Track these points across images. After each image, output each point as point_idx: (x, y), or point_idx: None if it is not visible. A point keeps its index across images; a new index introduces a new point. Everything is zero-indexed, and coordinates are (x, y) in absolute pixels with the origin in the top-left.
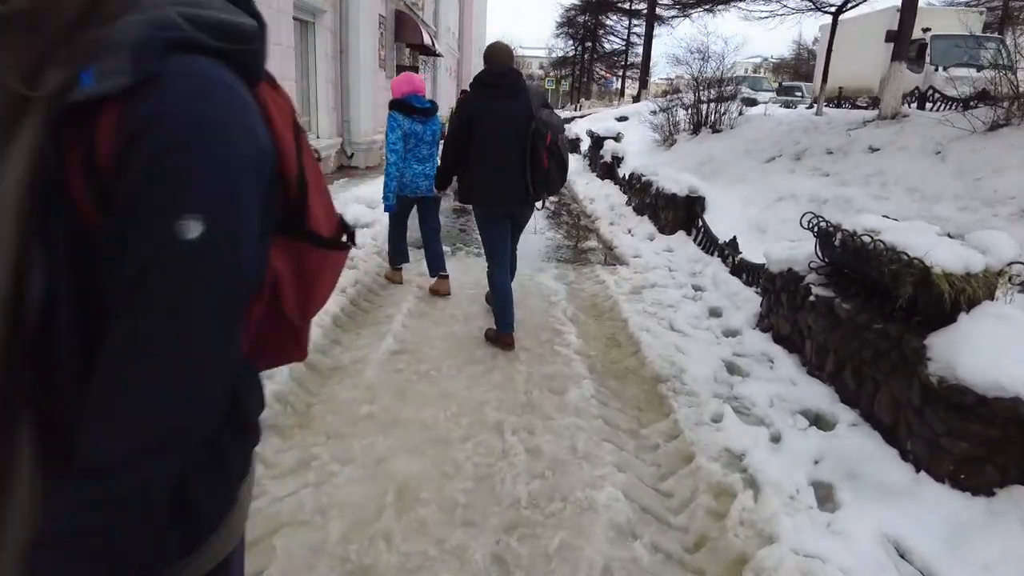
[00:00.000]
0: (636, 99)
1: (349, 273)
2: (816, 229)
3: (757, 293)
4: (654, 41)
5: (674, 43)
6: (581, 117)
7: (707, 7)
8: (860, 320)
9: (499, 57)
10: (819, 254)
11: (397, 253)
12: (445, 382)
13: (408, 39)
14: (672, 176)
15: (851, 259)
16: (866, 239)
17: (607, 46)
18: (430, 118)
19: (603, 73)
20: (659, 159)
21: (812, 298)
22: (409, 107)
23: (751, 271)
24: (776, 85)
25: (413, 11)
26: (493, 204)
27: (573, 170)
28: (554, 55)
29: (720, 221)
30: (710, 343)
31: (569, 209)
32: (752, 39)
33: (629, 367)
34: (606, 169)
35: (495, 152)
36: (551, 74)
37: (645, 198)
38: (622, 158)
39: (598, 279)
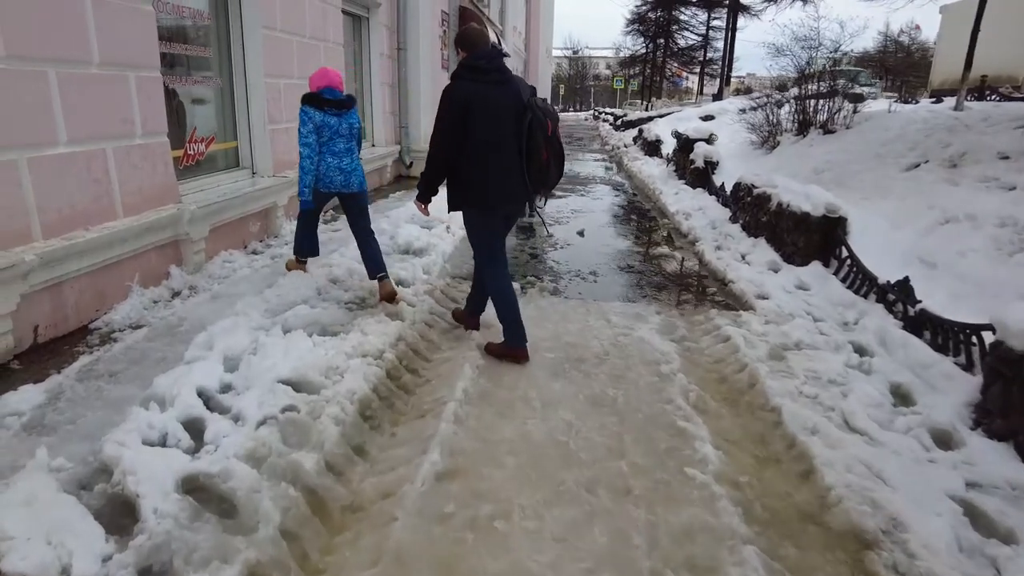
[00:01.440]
0: (717, 97)
1: (391, 326)
2: None
3: (959, 366)
4: (732, 33)
5: (772, 32)
6: (660, 116)
7: None
8: None
9: (483, 40)
10: None
11: (304, 245)
12: (518, 546)
13: None
14: (798, 189)
15: None
16: None
17: (681, 42)
18: (345, 111)
19: (675, 71)
20: (761, 165)
21: None
22: (319, 100)
23: (943, 330)
24: (876, 81)
25: (478, 7)
26: (494, 205)
27: (656, 176)
28: (622, 54)
29: (863, 248)
30: (918, 460)
31: (659, 226)
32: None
33: (804, 508)
34: (698, 176)
35: (495, 145)
36: (619, 73)
37: (760, 216)
38: (717, 163)
39: (719, 333)
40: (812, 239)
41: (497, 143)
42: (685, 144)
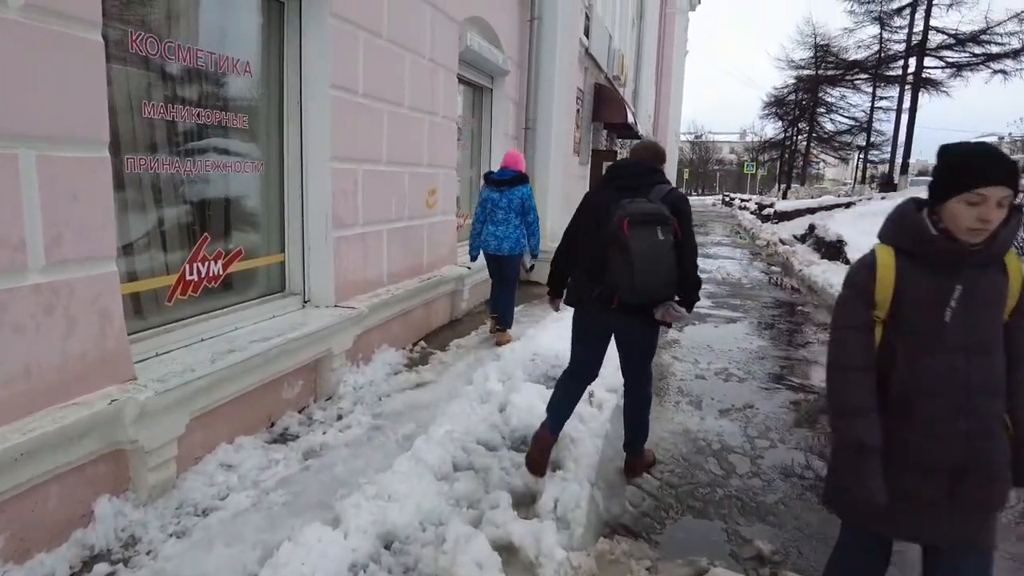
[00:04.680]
0: (885, 187)
1: None
2: None
3: None
4: (912, 114)
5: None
6: (826, 209)
7: None
8: None
9: (637, 150)
10: None
11: (492, 305)
12: None
13: (608, 118)
14: None
15: None
16: None
17: (829, 126)
18: (508, 188)
19: (819, 156)
20: None
21: None
22: (487, 178)
23: None
24: None
25: (614, 86)
26: (572, 304)
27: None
28: (749, 138)
29: None
30: None
31: None
32: (980, 112)
33: None
34: None
35: (587, 248)
36: (744, 159)
37: None
38: None
39: None
40: None
41: (588, 247)
42: None
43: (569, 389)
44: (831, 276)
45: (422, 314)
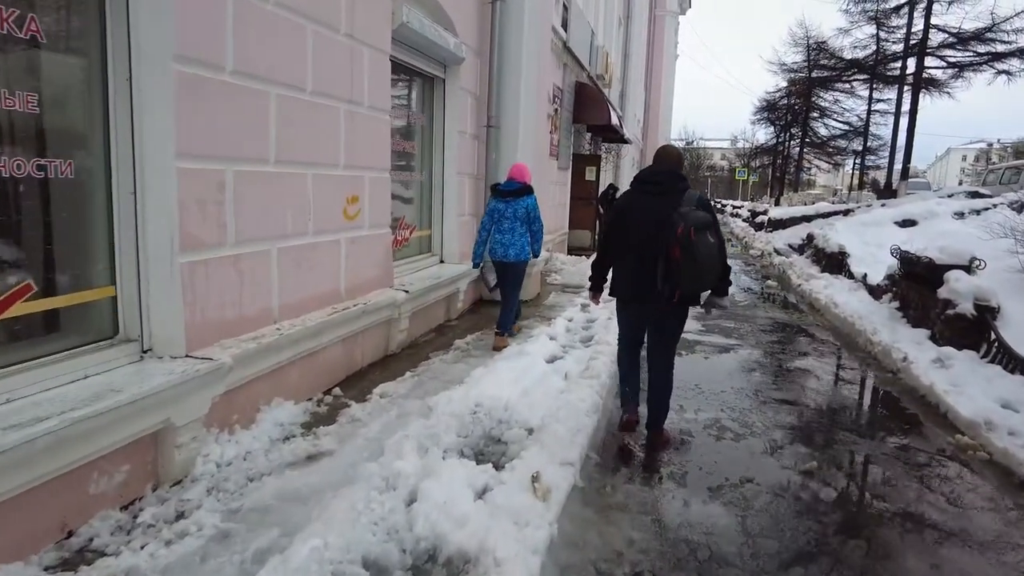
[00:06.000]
0: (884, 193)
1: None
2: None
3: None
4: (912, 117)
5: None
6: (823, 217)
7: None
8: None
9: (660, 157)
10: None
11: (501, 321)
12: None
13: (590, 119)
14: None
15: None
16: None
17: (823, 131)
18: (514, 199)
19: (812, 162)
20: None
21: None
22: (495, 189)
23: None
24: None
25: (598, 85)
26: (626, 298)
27: (864, 315)
28: (740, 144)
29: None
30: None
31: (975, 466)
32: (967, 118)
33: None
34: (963, 330)
35: (634, 245)
36: (736, 165)
37: None
38: (997, 310)
39: None
40: None
41: (636, 245)
42: (927, 271)
43: (628, 363)
44: (834, 293)
45: (339, 353)
